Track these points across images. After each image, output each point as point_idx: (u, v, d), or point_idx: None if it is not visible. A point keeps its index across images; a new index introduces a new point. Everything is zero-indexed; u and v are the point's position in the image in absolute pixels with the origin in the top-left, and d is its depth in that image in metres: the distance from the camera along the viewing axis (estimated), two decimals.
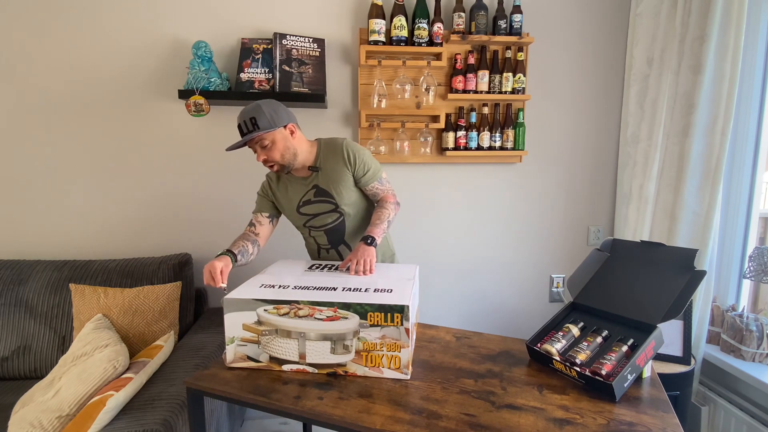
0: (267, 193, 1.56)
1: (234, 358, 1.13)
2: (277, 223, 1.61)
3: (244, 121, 1.35)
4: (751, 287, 1.89)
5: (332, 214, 1.51)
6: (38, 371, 1.72)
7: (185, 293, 1.84)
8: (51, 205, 1.96)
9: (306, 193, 1.50)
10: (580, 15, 2.11)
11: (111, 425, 1.20)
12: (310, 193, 1.50)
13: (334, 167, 1.47)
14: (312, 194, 1.50)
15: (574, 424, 0.91)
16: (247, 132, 1.36)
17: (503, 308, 2.29)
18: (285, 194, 1.53)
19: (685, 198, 1.81)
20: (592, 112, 2.19)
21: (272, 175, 1.57)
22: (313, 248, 1.61)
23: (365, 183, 1.51)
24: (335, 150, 1.48)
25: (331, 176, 1.48)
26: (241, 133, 1.38)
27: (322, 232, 1.54)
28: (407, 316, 1.04)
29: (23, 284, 1.76)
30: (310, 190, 1.49)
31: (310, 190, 1.49)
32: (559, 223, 2.26)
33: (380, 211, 1.49)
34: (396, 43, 1.91)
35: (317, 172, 1.48)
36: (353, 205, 1.52)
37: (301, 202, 1.51)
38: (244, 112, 1.37)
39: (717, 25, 1.69)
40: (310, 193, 1.50)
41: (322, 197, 1.49)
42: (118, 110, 1.93)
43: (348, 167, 1.47)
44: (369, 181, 1.51)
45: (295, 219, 1.56)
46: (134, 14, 1.89)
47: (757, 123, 1.78)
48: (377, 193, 1.54)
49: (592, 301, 1.24)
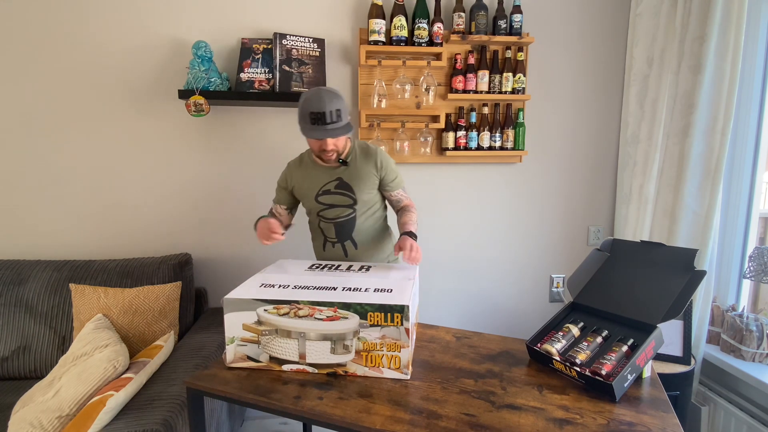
0: (286, 183, 1.60)
1: (234, 358, 1.13)
2: (294, 213, 1.69)
3: (330, 111, 1.36)
4: (751, 287, 1.89)
5: (347, 209, 1.55)
6: (38, 371, 1.72)
7: (185, 293, 1.84)
8: (51, 205, 1.96)
9: (328, 183, 1.54)
10: (580, 15, 2.11)
11: (111, 425, 1.20)
12: (332, 184, 1.54)
13: (363, 167, 1.54)
14: (334, 185, 1.54)
15: (574, 424, 0.91)
16: (332, 122, 1.37)
17: (503, 308, 2.29)
18: (307, 179, 1.56)
19: (685, 198, 1.81)
20: (592, 112, 2.19)
21: (294, 161, 1.61)
22: (319, 241, 1.63)
23: (392, 188, 1.61)
24: (368, 152, 1.56)
25: (358, 174, 1.54)
26: (321, 122, 1.37)
27: (331, 224, 1.57)
28: (407, 316, 1.04)
29: (23, 284, 1.76)
30: (334, 181, 1.54)
31: (333, 181, 1.54)
32: (559, 223, 2.26)
33: (410, 215, 1.59)
34: (396, 43, 1.91)
35: (345, 167, 1.54)
36: (367, 205, 1.58)
37: (321, 191, 1.55)
38: (324, 100, 1.36)
39: (717, 25, 1.69)
40: (332, 184, 1.54)
41: (343, 190, 1.54)
42: (118, 110, 1.93)
43: (376, 171, 1.55)
44: (396, 187, 1.61)
45: (310, 205, 1.58)
46: (134, 14, 1.89)
47: (757, 123, 1.78)
48: (401, 200, 1.64)
49: (592, 301, 1.24)
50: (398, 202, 1.65)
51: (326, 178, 1.54)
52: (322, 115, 1.36)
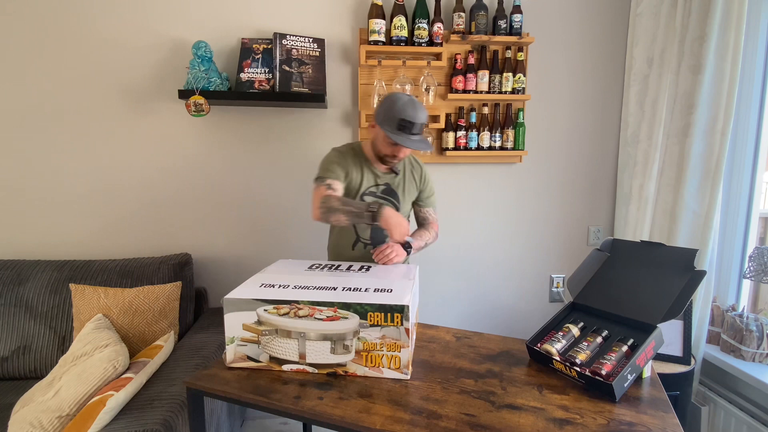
0: (345, 163, 1.53)
1: (234, 358, 1.13)
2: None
3: (420, 124, 1.42)
4: (751, 287, 1.89)
5: None
6: (38, 371, 1.72)
7: (185, 293, 1.84)
8: (51, 205, 1.95)
9: (376, 185, 1.57)
10: (580, 15, 2.11)
11: (111, 425, 1.20)
12: (380, 188, 1.58)
13: (409, 178, 1.62)
14: (381, 189, 1.58)
15: (574, 424, 0.91)
16: (416, 133, 1.43)
17: (503, 308, 2.29)
18: (359, 172, 1.56)
19: (685, 198, 1.81)
20: (592, 112, 2.19)
21: (346, 149, 1.57)
22: (347, 240, 1.61)
23: (425, 204, 1.68)
24: (415, 165, 1.65)
25: (405, 184, 1.61)
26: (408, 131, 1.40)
27: (370, 226, 1.57)
28: (407, 316, 1.04)
29: (23, 284, 1.76)
30: (382, 185, 1.58)
31: (381, 185, 1.58)
32: (559, 223, 2.26)
33: (424, 232, 1.65)
34: (396, 43, 1.91)
35: (396, 175, 1.59)
36: (404, 215, 1.62)
37: (367, 191, 1.56)
38: (418, 111, 1.40)
39: (717, 25, 1.69)
40: (380, 188, 1.58)
41: (388, 196, 1.59)
42: (118, 110, 1.93)
43: (419, 183, 1.65)
44: (429, 204, 1.69)
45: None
46: (134, 14, 1.89)
47: (757, 123, 1.78)
48: (428, 218, 1.70)
49: (592, 301, 1.24)
50: (424, 220, 1.69)
51: (374, 179, 1.57)
52: (412, 125, 1.40)
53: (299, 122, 2.03)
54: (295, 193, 2.07)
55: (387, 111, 1.42)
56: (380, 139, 1.49)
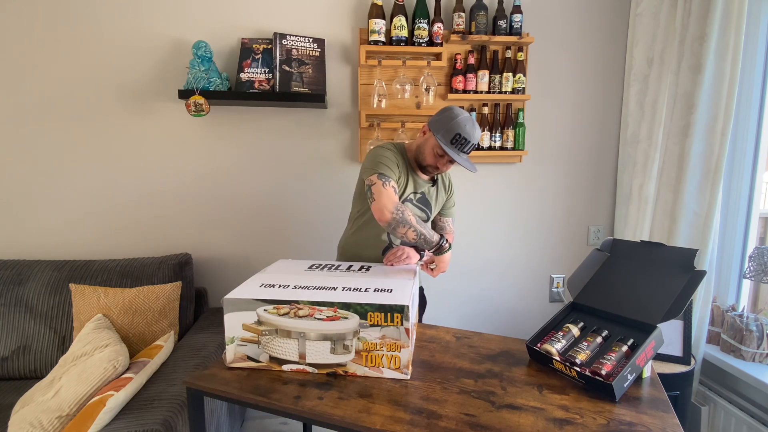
0: (400, 165, 1.50)
1: (234, 358, 1.13)
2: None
3: (474, 144, 1.44)
4: (751, 287, 1.89)
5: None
6: (38, 371, 1.72)
7: (185, 293, 1.84)
8: (51, 205, 1.96)
9: (414, 193, 1.56)
10: (580, 15, 2.11)
11: (111, 425, 1.20)
12: (416, 196, 1.57)
13: (441, 189, 1.64)
14: (417, 197, 1.57)
15: (574, 424, 0.91)
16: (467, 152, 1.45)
17: (503, 308, 2.29)
18: (403, 177, 1.53)
19: (685, 198, 1.81)
20: (592, 112, 2.19)
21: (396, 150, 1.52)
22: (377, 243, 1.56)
23: (446, 214, 1.69)
24: (447, 177, 1.68)
25: (438, 194, 1.62)
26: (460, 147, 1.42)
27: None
28: (407, 316, 1.04)
29: (23, 284, 1.76)
30: (418, 193, 1.57)
31: (417, 193, 1.57)
32: (559, 223, 2.26)
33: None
34: (396, 43, 1.91)
35: (432, 185, 1.60)
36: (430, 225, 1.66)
37: (405, 198, 1.55)
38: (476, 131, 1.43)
39: (717, 25, 1.69)
40: (416, 196, 1.57)
41: (422, 205, 1.58)
42: (118, 110, 1.93)
43: (447, 193, 1.67)
44: (450, 214, 1.70)
45: None
46: (134, 14, 1.89)
47: (757, 123, 1.78)
48: (445, 228, 1.70)
49: (592, 301, 1.24)
50: (442, 229, 1.69)
51: (414, 187, 1.55)
52: (466, 143, 1.42)
53: (299, 122, 2.03)
54: (295, 193, 2.07)
55: (446, 122, 1.41)
56: (428, 147, 1.47)
